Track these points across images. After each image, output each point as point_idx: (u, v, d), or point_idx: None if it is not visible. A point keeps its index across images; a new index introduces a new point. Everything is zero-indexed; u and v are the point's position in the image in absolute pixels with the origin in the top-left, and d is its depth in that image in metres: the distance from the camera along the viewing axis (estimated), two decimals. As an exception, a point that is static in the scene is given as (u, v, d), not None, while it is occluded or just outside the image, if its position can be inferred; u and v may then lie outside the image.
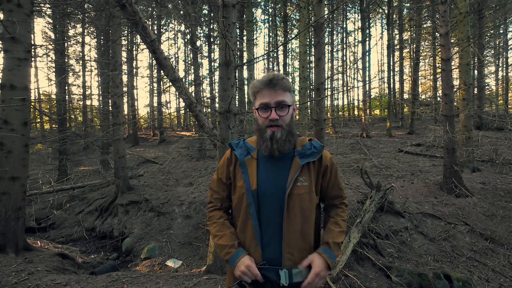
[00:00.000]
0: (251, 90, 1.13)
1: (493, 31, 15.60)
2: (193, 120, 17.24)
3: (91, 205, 7.57)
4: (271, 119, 1.06)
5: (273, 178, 1.07)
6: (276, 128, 1.06)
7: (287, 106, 1.09)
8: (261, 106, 1.08)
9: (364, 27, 14.74)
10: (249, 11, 10.96)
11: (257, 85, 1.10)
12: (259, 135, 1.11)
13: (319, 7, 4.62)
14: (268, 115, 1.07)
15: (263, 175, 1.08)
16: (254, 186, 1.06)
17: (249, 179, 1.08)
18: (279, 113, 1.07)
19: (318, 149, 1.12)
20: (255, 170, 1.10)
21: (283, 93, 1.08)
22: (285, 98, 1.08)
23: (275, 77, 1.08)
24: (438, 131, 8.11)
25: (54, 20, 10.45)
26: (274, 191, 1.05)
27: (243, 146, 1.18)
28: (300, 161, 1.08)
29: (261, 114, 1.09)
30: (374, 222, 4.45)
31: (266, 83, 1.07)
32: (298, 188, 1.05)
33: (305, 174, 1.08)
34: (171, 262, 4.67)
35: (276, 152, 1.06)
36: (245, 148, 1.17)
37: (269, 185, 1.06)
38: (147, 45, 3.71)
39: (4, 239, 3.72)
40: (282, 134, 1.06)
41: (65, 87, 11.48)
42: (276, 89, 1.07)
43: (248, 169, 1.11)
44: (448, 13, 5.74)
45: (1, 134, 3.69)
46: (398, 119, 19.05)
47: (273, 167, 1.10)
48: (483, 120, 12.80)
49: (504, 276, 3.61)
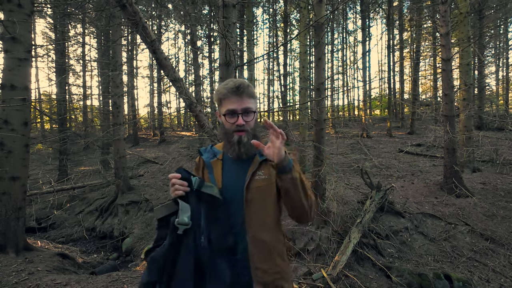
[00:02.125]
0: (217, 96, 1.17)
1: (493, 31, 15.59)
2: (193, 120, 17.24)
3: (91, 205, 7.58)
4: (238, 124, 1.12)
5: (236, 176, 1.16)
6: (243, 133, 1.13)
7: (253, 112, 1.16)
8: (228, 112, 1.13)
9: (364, 27, 14.74)
10: (249, 11, 10.96)
11: (224, 92, 1.14)
12: (226, 140, 1.18)
13: (319, 7, 4.62)
14: (235, 120, 1.13)
15: (227, 174, 1.17)
16: (220, 185, 1.14)
17: (214, 178, 1.17)
18: (245, 118, 1.13)
19: None
20: (220, 170, 1.19)
21: (248, 100, 1.14)
22: (251, 105, 1.14)
23: (242, 84, 1.13)
24: (438, 131, 8.10)
25: (55, 20, 10.45)
26: (235, 186, 1.13)
27: (210, 150, 1.28)
28: (259, 158, 1.16)
29: (228, 119, 1.14)
30: (374, 222, 4.44)
31: (233, 90, 1.12)
32: (256, 182, 1.12)
33: (264, 168, 1.15)
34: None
35: (243, 155, 1.14)
36: (212, 152, 1.26)
37: (232, 182, 1.15)
38: (147, 45, 3.71)
39: (5, 239, 3.72)
40: (248, 138, 1.13)
41: (65, 87, 11.49)
42: (242, 96, 1.13)
43: (214, 170, 1.19)
44: (448, 13, 5.74)
45: (1, 134, 3.69)
46: (399, 119, 19.05)
47: (237, 167, 1.18)
48: (484, 120, 12.79)
49: (505, 277, 3.60)
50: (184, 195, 1.03)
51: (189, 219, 0.99)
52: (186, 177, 1.06)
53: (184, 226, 0.98)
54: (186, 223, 0.99)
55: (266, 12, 18.07)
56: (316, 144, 4.51)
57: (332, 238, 4.18)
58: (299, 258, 4.00)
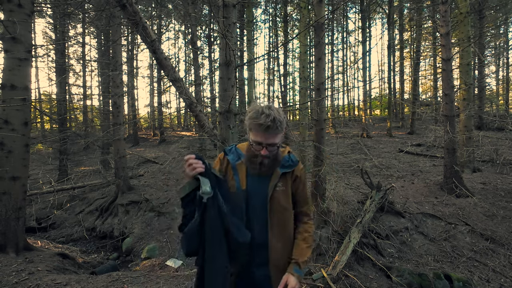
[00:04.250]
0: (249, 123, 1.26)
1: (493, 31, 15.59)
2: (193, 120, 17.25)
3: (92, 205, 7.58)
4: (262, 154, 1.25)
5: (258, 182, 1.32)
6: (265, 158, 1.27)
7: (277, 146, 1.28)
8: (255, 143, 1.26)
9: (364, 27, 14.74)
10: (249, 11, 10.95)
11: (254, 126, 1.23)
12: (250, 156, 1.30)
13: (320, 7, 4.62)
14: (260, 149, 1.25)
15: (251, 179, 1.33)
16: (244, 187, 1.31)
17: (239, 181, 1.32)
18: (270, 149, 1.25)
19: (295, 162, 1.37)
20: (245, 174, 1.34)
21: (275, 136, 1.24)
22: (276, 141, 1.25)
23: (272, 126, 1.19)
24: (438, 131, 8.10)
25: (55, 20, 10.45)
26: (258, 193, 1.30)
27: (235, 152, 1.40)
28: (279, 170, 1.32)
29: (255, 147, 1.27)
30: (374, 222, 4.44)
31: (263, 128, 1.20)
32: (277, 192, 1.31)
33: (283, 181, 1.33)
34: (171, 262, 4.67)
35: (263, 174, 1.30)
36: (236, 154, 1.39)
37: (255, 188, 1.31)
38: (148, 45, 3.71)
39: (5, 239, 3.72)
40: (269, 161, 1.27)
41: (65, 87, 11.49)
42: (270, 134, 1.22)
43: (239, 172, 1.34)
44: (448, 13, 5.74)
45: (1, 134, 3.69)
46: (399, 119, 19.04)
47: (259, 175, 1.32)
48: (484, 120, 12.78)
49: (505, 277, 3.60)
50: (203, 171, 1.15)
51: (211, 189, 1.13)
52: (200, 159, 1.18)
53: (208, 195, 1.11)
54: (209, 192, 1.12)
55: (266, 12, 18.05)
56: (316, 144, 4.51)
57: (332, 238, 4.18)
58: (299, 258, 3.99)
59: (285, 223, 1.35)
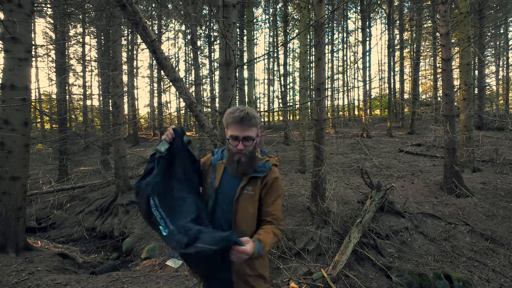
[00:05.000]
0: (224, 120, 1.37)
1: (493, 31, 15.59)
2: (193, 120, 17.24)
3: (92, 205, 7.57)
4: (238, 149, 1.32)
5: (230, 184, 1.38)
6: (241, 154, 1.33)
7: (252, 139, 1.34)
8: (231, 137, 1.34)
9: (364, 27, 14.73)
10: (249, 11, 10.95)
11: (230, 120, 1.34)
12: (229, 157, 1.39)
13: (319, 7, 4.62)
14: (236, 144, 1.33)
15: (225, 179, 1.41)
16: (216, 185, 1.39)
17: (215, 179, 1.41)
18: (245, 143, 1.33)
19: (267, 168, 1.40)
20: (221, 174, 1.42)
21: (250, 129, 1.33)
22: (251, 134, 1.34)
23: (246, 117, 1.30)
24: (438, 131, 8.10)
25: (55, 20, 10.45)
26: (227, 194, 1.36)
27: (220, 154, 1.50)
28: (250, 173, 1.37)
29: (231, 142, 1.35)
30: (374, 222, 4.44)
31: (238, 120, 1.31)
32: (244, 195, 1.35)
33: (253, 185, 1.36)
34: (171, 262, 4.67)
35: (239, 174, 1.36)
36: (220, 155, 1.49)
37: (226, 189, 1.38)
38: (148, 45, 3.71)
39: (5, 239, 3.72)
40: (245, 159, 1.34)
41: (65, 87, 11.49)
42: (244, 126, 1.31)
43: (216, 172, 1.43)
44: (448, 13, 5.74)
45: (1, 134, 3.69)
46: (399, 119, 19.03)
47: (233, 177, 1.40)
48: (484, 120, 12.78)
49: (505, 276, 3.60)
50: (170, 140, 1.33)
51: (165, 150, 1.29)
52: (177, 132, 1.36)
53: (159, 153, 1.29)
54: (162, 152, 1.29)
55: (266, 12, 18.05)
56: (316, 144, 4.51)
57: (332, 238, 4.19)
58: (299, 258, 4.00)
59: (248, 227, 1.35)
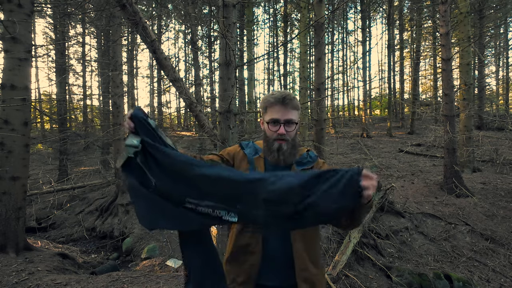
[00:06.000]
0: (263, 103, 1.23)
1: (493, 31, 15.58)
2: (193, 120, 17.25)
3: (92, 205, 7.57)
4: (279, 133, 1.17)
5: None
6: (283, 141, 1.17)
7: (294, 123, 1.20)
8: (271, 121, 1.19)
9: (364, 27, 14.74)
10: (249, 11, 10.96)
11: (270, 100, 1.20)
12: (267, 146, 1.22)
13: (319, 7, 4.62)
14: (277, 129, 1.17)
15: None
16: None
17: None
18: (287, 129, 1.18)
19: (313, 159, 1.28)
20: (263, 168, 1.22)
21: (292, 111, 1.19)
22: (294, 117, 1.19)
23: (288, 96, 1.18)
24: (438, 131, 8.10)
25: (55, 20, 10.45)
26: None
27: (252, 146, 1.30)
28: (296, 168, 1.22)
29: (270, 127, 1.20)
30: (374, 222, 4.44)
31: (279, 100, 1.17)
32: None
33: None
34: (171, 262, 4.67)
35: (282, 162, 1.18)
36: (253, 149, 1.29)
37: None
38: (148, 45, 3.71)
39: (5, 239, 3.72)
40: (287, 147, 1.18)
41: (65, 87, 11.50)
42: (287, 107, 1.17)
43: (256, 166, 1.23)
44: (448, 13, 5.73)
45: (1, 134, 3.69)
46: (399, 119, 19.03)
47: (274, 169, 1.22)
48: (484, 120, 12.78)
49: (505, 276, 3.60)
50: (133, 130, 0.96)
51: (138, 142, 0.92)
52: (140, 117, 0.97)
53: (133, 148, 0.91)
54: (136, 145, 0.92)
55: (266, 12, 18.05)
56: (316, 144, 4.51)
57: (332, 238, 4.18)
58: (299, 258, 3.99)
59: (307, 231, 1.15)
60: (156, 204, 0.91)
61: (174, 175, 0.90)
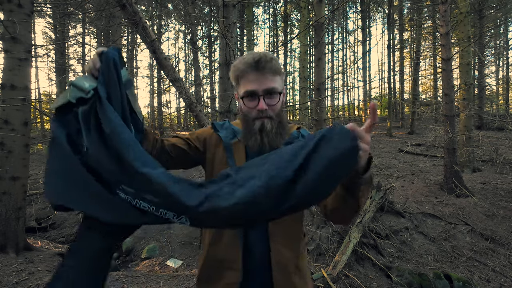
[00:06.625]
0: (233, 74, 0.94)
1: (493, 31, 15.58)
2: (193, 120, 17.25)
3: (92, 205, 7.57)
4: (259, 109, 0.88)
5: None
6: (265, 119, 0.89)
7: (278, 94, 0.90)
8: (247, 94, 0.89)
9: (364, 27, 14.75)
10: (249, 11, 10.96)
11: (241, 68, 0.90)
12: (246, 128, 0.92)
13: (319, 7, 4.62)
14: (255, 104, 0.89)
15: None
16: None
17: (236, 164, 0.92)
18: (269, 102, 0.89)
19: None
20: (243, 155, 0.94)
21: (272, 77, 0.89)
22: (275, 84, 0.89)
23: (263, 57, 0.87)
24: (438, 131, 8.10)
25: (55, 20, 10.47)
26: None
27: (229, 127, 0.99)
28: None
29: (246, 103, 0.90)
30: (374, 222, 4.44)
31: (252, 65, 0.87)
32: None
33: None
34: (171, 262, 4.67)
35: (266, 147, 0.87)
36: (231, 131, 0.98)
37: None
38: (147, 45, 3.70)
39: (5, 239, 3.72)
40: (272, 125, 0.89)
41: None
42: (264, 73, 0.88)
43: (235, 155, 0.94)
44: (448, 13, 5.73)
45: (1, 134, 3.69)
46: (399, 119, 19.04)
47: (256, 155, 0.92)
48: (484, 120, 12.78)
49: (505, 276, 3.60)
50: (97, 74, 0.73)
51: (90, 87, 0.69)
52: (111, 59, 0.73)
53: (80, 93, 0.68)
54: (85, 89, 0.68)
55: (266, 12, 18.06)
56: (316, 144, 4.50)
57: (332, 238, 4.18)
58: (299, 258, 3.99)
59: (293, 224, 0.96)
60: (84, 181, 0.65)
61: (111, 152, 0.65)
